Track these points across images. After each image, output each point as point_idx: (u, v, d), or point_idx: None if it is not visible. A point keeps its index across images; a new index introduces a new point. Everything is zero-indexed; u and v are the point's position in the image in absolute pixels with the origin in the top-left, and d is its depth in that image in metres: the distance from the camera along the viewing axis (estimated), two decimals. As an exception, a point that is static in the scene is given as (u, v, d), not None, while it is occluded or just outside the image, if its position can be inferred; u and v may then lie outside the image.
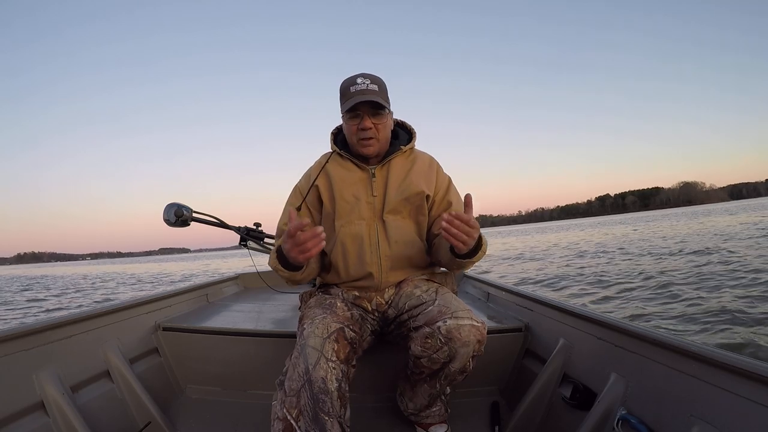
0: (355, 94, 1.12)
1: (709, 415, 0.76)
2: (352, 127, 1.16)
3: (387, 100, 1.17)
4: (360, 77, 1.15)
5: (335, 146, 1.25)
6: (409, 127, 1.31)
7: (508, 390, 1.47)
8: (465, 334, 1.01)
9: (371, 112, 1.14)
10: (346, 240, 1.18)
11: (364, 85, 1.13)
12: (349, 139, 1.20)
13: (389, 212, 1.19)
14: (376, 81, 1.16)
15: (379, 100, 1.12)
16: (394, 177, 1.21)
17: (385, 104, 1.14)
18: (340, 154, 1.23)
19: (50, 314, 7.29)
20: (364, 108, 1.13)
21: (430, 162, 1.27)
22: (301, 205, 1.23)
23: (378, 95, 1.13)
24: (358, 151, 1.19)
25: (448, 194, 1.25)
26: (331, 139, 1.27)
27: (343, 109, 1.15)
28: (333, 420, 0.93)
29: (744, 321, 3.51)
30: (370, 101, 1.12)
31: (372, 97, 1.11)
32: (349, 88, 1.14)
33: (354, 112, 1.14)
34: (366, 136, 1.15)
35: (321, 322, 1.01)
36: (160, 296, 1.69)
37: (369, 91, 1.12)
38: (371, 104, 1.13)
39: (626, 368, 0.99)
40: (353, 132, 1.16)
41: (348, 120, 1.17)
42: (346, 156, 1.22)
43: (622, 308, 4.56)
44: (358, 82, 1.13)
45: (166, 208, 1.82)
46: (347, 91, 1.14)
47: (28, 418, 1.02)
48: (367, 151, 1.17)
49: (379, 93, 1.14)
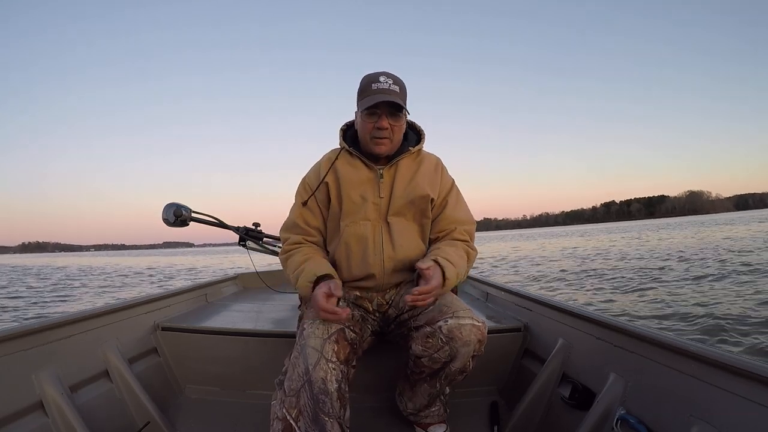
0: (376, 92, 1.11)
1: (708, 415, 0.76)
2: (369, 125, 1.14)
3: (406, 102, 1.16)
4: (383, 75, 1.13)
5: (344, 143, 1.23)
6: (418, 128, 1.30)
7: (507, 390, 1.47)
8: (466, 333, 1.01)
9: (390, 113, 1.12)
10: (351, 240, 1.17)
11: (386, 84, 1.11)
12: (362, 136, 1.18)
13: (394, 214, 1.19)
14: (398, 82, 1.14)
15: (400, 102, 1.11)
16: (400, 178, 1.20)
17: (404, 107, 1.14)
18: (349, 152, 1.22)
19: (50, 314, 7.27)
20: (384, 107, 1.11)
21: (436, 164, 1.27)
22: (308, 201, 1.22)
23: (399, 96, 1.12)
24: (370, 149, 1.17)
25: (448, 196, 1.24)
26: (341, 135, 1.25)
27: (362, 106, 1.13)
28: (333, 421, 0.93)
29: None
30: (391, 102, 1.10)
31: (393, 98, 1.10)
32: (370, 85, 1.12)
33: (372, 110, 1.12)
34: (381, 135, 1.13)
35: (321, 322, 1.01)
36: (159, 296, 1.69)
37: (391, 91, 1.11)
38: (391, 105, 1.11)
39: (625, 368, 1.00)
40: (368, 130, 1.14)
41: (365, 117, 1.14)
42: (356, 153, 1.21)
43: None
44: (381, 81, 1.11)
45: (165, 207, 1.82)
46: (368, 88, 1.13)
47: (28, 418, 1.02)
48: (378, 150, 1.15)
49: (400, 94, 1.13)
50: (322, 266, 1.11)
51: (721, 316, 4.03)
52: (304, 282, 1.08)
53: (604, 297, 5.79)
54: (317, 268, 1.09)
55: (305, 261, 1.14)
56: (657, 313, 4.53)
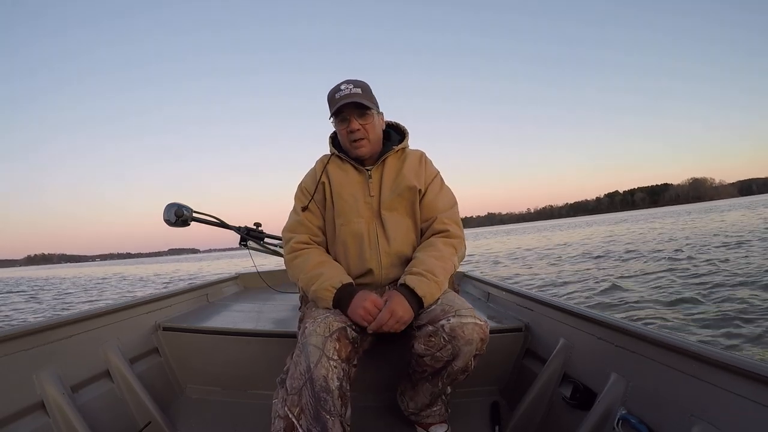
0: (339, 99, 1.17)
1: (709, 415, 0.76)
2: (342, 131, 1.20)
3: (372, 101, 1.21)
4: (344, 84, 1.19)
5: (334, 149, 1.28)
6: (402, 128, 1.35)
7: (508, 390, 1.47)
8: (469, 332, 1.02)
9: (357, 114, 1.18)
10: (347, 238, 1.21)
11: (347, 90, 1.17)
12: (343, 144, 1.24)
13: (386, 209, 1.22)
14: (359, 85, 1.20)
15: (362, 101, 1.16)
16: (387, 176, 1.24)
17: (369, 104, 1.18)
18: (339, 157, 1.27)
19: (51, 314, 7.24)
20: (350, 110, 1.17)
21: (420, 157, 1.31)
22: (308, 205, 1.26)
23: (362, 97, 1.17)
24: (353, 154, 1.22)
25: (431, 185, 1.27)
26: (330, 142, 1.31)
27: (331, 115, 1.20)
28: (335, 419, 0.93)
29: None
30: (355, 102, 1.16)
31: (355, 99, 1.15)
32: (334, 95, 1.19)
33: (341, 116, 1.19)
34: (356, 137, 1.18)
35: (323, 321, 1.02)
36: (160, 296, 1.69)
37: (353, 95, 1.17)
38: (356, 105, 1.17)
39: (626, 368, 0.99)
40: (344, 136, 1.20)
41: (338, 125, 1.22)
42: (345, 158, 1.26)
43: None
44: (342, 89, 1.18)
45: (167, 208, 1.82)
46: (333, 98, 1.19)
47: (28, 418, 1.02)
48: (360, 152, 1.21)
49: (363, 95, 1.18)
50: (344, 273, 1.15)
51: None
52: (325, 286, 1.10)
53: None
54: (342, 275, 1.13)
55: (322, 265, 1.16)
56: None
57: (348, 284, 1.11)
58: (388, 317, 1.03)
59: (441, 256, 1.15)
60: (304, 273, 1.15)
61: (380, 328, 1.03)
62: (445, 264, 1.14)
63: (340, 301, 1.08)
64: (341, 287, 1.09)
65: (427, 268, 1.10)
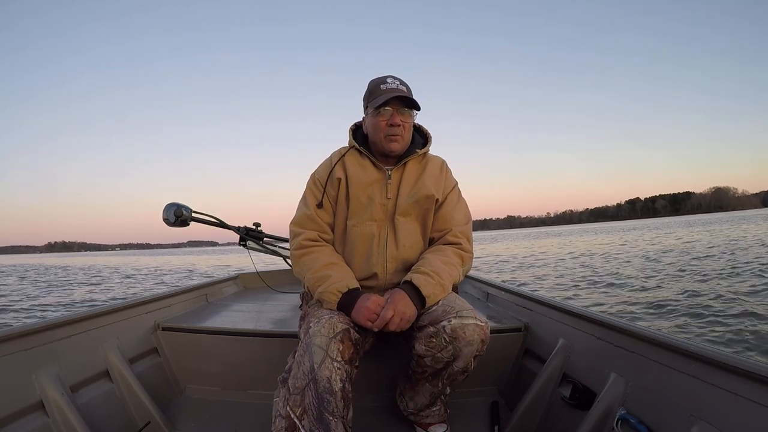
0: (386, 91, 1.15)
1: (708, 415, 0.76)
2: (381, 122, 1.17)
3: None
4: (390, 77, 1.19)
5: (354, 142, 1.25)
6: (425, 131, 1.32)
7: (507, 390, 1.47)
8: (469, 333, 1.02)
9: (401, 110, 1.17)
10: (357, 240, 1.19)
11: (394, 84, 1.17)
12: (374, 136, 1.20)
13: (400, 214, 1.20)
14: (404, 84, 1.20)
15: (412, 97, 1.16)
16: (407, 179, 1.22)
17: (417, 104, 1.18)
18: (359, 151, 1.24)
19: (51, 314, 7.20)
20: (396, 104, 1.16)
21: (441, 165, 1.29)
22: (322, 200, 1.23)
23: (409, 94, 1.17)
24: (384, 147, 1.19)
25: (449, 196, 1.26)
26: (350, 134, 1.28)
27: (374, 104, 1.16)
28: (337, 420, 0.93)
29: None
30: (403, 97, 1.15)
31: (405, 94, 1.15)
32: (379, 86, 1.18)
33: (384, 108, 1.16)
34: (394, 132, 1.16)
35: (328, 321, 1.01)
36: (159, 296, 1.69)
37: (402, 90, 1.17)
38: (403, 101, 1.16)
39: (626, 368, 1.00)
40: (381, 128, 1.17)
41: (377, 116, 1.17)
42: (366, 153, 1.23)
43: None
44: (389, 81, 1.18)
45: (166, 207, 1.82)
46: (377, 89, 1.17)
47: (28, 417, 1.02)
48: (392, 147, 1.18)
49: (408, 93, 1.18)
50: (352, 278, 1.14)
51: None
52: (332, 289, 1.09)
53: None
54: (349, 279, 1.12)
55: (331, 266, 1.14)
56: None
57: (354, 289, 1.10)
58: (391, 314, 1.02)
59: (449, 261, 1.15)
60: (312, 272, 1.14)
61: (385, 325, 1.02)
62: (452, 270, 1.14)
63: (345, 305, 1.08)
64: (347, 291, 1.08)
65: (434, 270, 1.09)
